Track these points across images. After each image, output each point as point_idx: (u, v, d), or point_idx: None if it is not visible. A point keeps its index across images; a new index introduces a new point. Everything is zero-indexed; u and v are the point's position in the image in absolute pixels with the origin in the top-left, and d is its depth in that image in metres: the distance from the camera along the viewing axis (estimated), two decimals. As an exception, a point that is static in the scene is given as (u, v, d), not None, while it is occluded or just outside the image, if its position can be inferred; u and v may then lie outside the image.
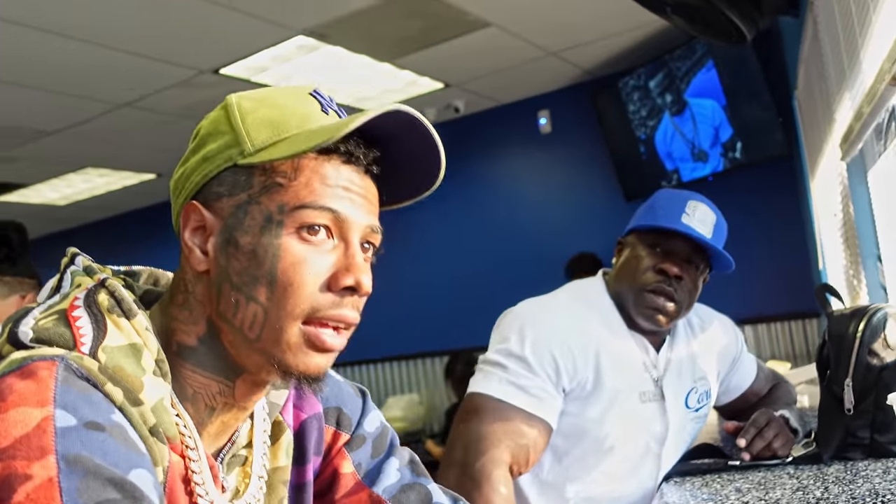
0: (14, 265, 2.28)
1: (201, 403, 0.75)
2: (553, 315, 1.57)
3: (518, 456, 1.45)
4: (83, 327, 0.69)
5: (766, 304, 4.22)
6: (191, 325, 0.75)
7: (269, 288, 0.71)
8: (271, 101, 0.76)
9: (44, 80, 3.84)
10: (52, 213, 6.59)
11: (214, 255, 0.74)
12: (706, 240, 1.52)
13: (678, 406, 1.62)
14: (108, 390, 0.65)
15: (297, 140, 0.72)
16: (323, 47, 3.78)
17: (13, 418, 0.59)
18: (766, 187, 4.22)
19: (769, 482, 1.34)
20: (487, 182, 5.26)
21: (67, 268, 0.78)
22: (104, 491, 0.58)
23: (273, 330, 0.72)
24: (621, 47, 4.32)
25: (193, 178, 0.76)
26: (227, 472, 0.79)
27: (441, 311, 5.17)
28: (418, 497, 0.93)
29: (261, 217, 0.72)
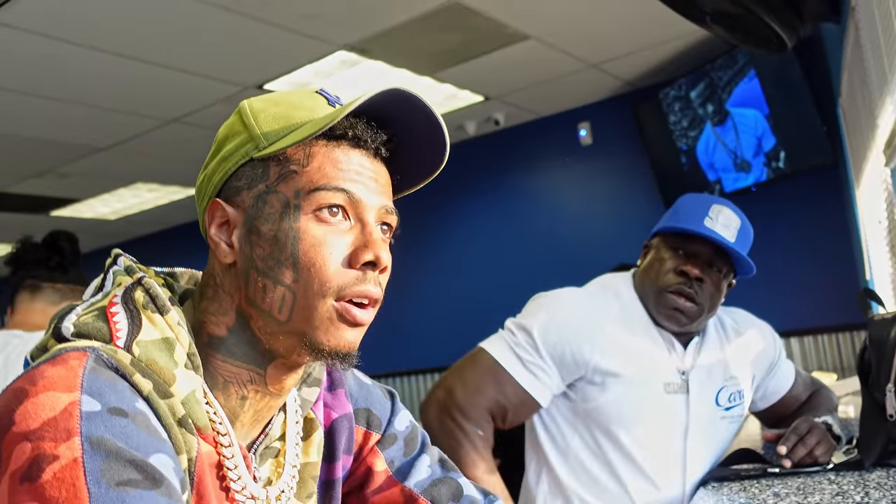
0: (66, 273, 2.36)
1: (233, 393, 0.78)
2: (574, 304, 1.63)
3: (497, 411, 1.56)
4: (119, 322, 0.73)
5: (812, 315, 4.15)
6: (220, 317, 0.79)
7: (293, 270, 0.74)
8: (280, 100, 0.81)
9: (96, 98, 3.97)
10: (102, 228, 6.77)
11: (239, 246, 0.77)
12: (727, 243, 1.53)
13: (704, 401, 1.63)
14: (136, 381, 0.68)
15: (304, 128, 0.77)
16: (364, 62, 3.85)
17: (42, 402, 0.63)
18: (811, 197, 4.16)
19: (808, 487, 1.33)
20: (528, 195, 5.27)
21: (110, 268, 0.82)
22: (125, 472, 0.61)
23: (303, 309, 0.75)
24: (661, 58, 4.31)
25: (214, 178, 0.80)
26: (259, 463, 0.82)
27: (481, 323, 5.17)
28: (449, 490, 0.95)
29: (279, 204, 0.76)
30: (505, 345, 1.58)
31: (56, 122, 4.24)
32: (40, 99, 3.90)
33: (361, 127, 0.78)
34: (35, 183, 5.35)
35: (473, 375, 1.56)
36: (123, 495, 0.60)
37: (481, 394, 1.54)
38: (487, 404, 1.54)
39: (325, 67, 3.86)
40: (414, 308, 5.51)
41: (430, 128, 0.81)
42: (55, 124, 4.28)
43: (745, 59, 3.98)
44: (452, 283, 5.50)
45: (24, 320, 2.31)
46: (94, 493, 0.59)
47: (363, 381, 0.98)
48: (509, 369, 1.55)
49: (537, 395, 1.56)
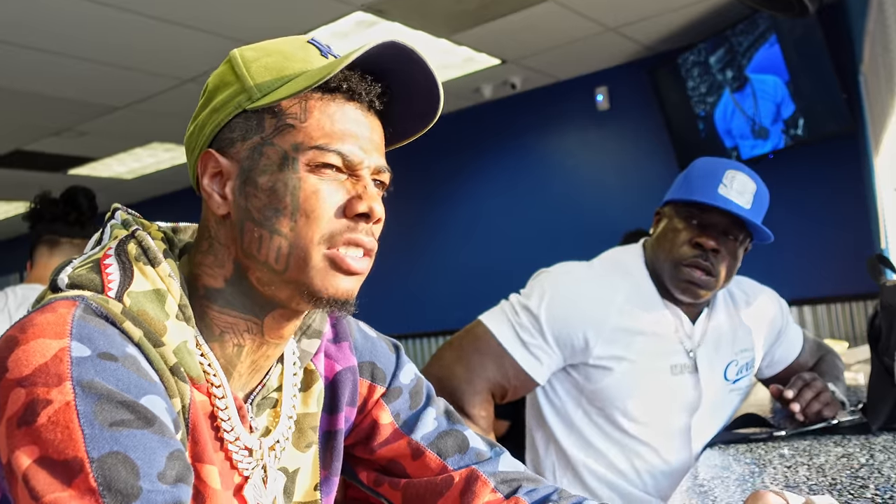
0: (83, 228, 2.39)
1: (229, 343, 0.79)
2: (579, 284, 1.59)
3: (497, 391, 1.54)
4: (112, 274, 0.74)
5: (825, 284, 4.14)
6: (217, 269, 0.79)
7: (290, 219, 0.75)
8: (272, 50, 0.80)
9: (113, 56, 3.97)
10: (119, 187, 6.81)
11: (233, 198, 0.78)
12: (743, 213, 1.49)
13: (714, 378, 1.62)
14: (127, 328, 0.70)
15: (299, 80, 0.76)
16: (381, 23, 3.82)
17: (33, 349, 0.65)
18: (829, 165, 4.13)
19: (814, 449, 1.35)
20: (543, 159, 5.25)
21: (108, 222, 0.83)
22: (117, 412, 0.63)
23: (298, 258, 0.75)
24: (681, 22, 4.26)
25: (206, 129, 0.80)
26: (256, 413, 0.83)
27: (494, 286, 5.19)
28: (455, 442, 0.96)
29: (276, 156, 0.76)
30: (508, 325, 1.54)
31: (74, 80, 4.25)
32: (59, 57, 3.91)
33: (356, 79, 0.78)
34: (53, 141, 5.38)
35: (474, 355, 1.53)
36: (117, 434, 0.62)
37: (482, 374, 1.51)
38: (488, 384, 1.52)
39: (341, 28, 3.84)
40: (427, 270, 5.54)
41: (425, 81, 0.81)
42: (74, 83, 4.29)
43: (767, 25, 3.93)
44: (465, 246, 5.52)
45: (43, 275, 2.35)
46: (87, 434, 0.62)
47: (368, 334, 0.99)
48: (512, 352, 1.52)
49: (538, 376, 1.54)
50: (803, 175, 4.15)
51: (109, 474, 0.61)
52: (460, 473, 0.94)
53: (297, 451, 0.87)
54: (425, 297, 5.54)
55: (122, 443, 0.62)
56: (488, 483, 0.94)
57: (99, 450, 0.61)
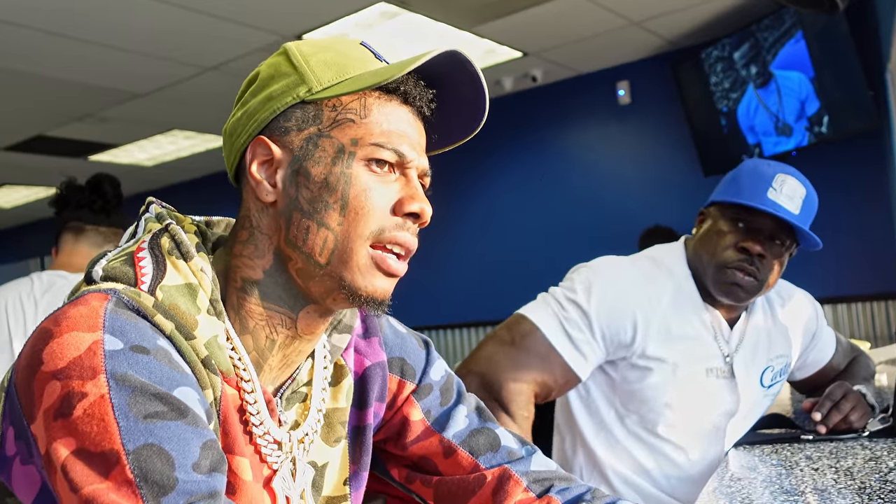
0: (108, 216, 2.40)
1: (262, 336, 0.79)
2: (626, 279, 1.55)
3: (541, 391, 1.48)
4: (145, 267, 0.75)
5: (848, 283, 4.11)
6: (256, 259, 0.79)
7: (340, 213, 0.76)
8: (328, 47, 0.81)
9: (137, 43, 3.99)
10: (139, 174, 6.85)
11: (283, 186, 0.78)
12: (792, 218, 1.45)
13: (751, 384, 1.60)
14: (158, 321, 0.71)
15: (362, 78, 0.77)
16: (404, 14, 3.82)
17: (67, 341, 0.66)
18: (853, 163, 4.09)
19: (841, 451, 1.34)
20: (563, 152, 5.24)
21: (143, 215, 0.83)
22: (151, 404, 0.64)
23: (343, 253, 0.76)
24: (705, 17, 4.22)
25: (258, 116, 0.79)
26: (286, 407, 0.84)
27: (511, 279, 5.20)
28: (487, 440, 0.96)
29: (332, 148, 0.77)
30: (556, 321, 1.48)
31: (99, 67, 4.28)
32: (84, 44, 3.93)
33: (412, 84, 0.79)
34: (76, 127, 5.42)
35: (521, 352, 1.46)
36: (151, 426, 0.63)
37: (528, 374, 1.45)
38: (533, 385, 1.46)
39: (364, 19, 3.84)
40: (444, 262, 5.54)
41: (474, 92, 0.82)
42: (98, 69, 4.32)
43: (793, 20, 3.89)
44: (483, 238, 5.51)
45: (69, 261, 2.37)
46: (122, 426, 0.63)
47: (398, 330, 0.98)
48: (561, 350, 1.46)
49: (581, 373, 1.49)
50: (826, 173, 4.10)
51: (146, 466, 0.62)
52: (493, 472, 0.94)
53: (327, 446, 0.88)
54: (442, 290, 5.54)
55: (156, 434, 0.63)
56: (521, 482, 0.93)
57: (134, 442, 0.62)
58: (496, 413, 1.41)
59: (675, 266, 1.59)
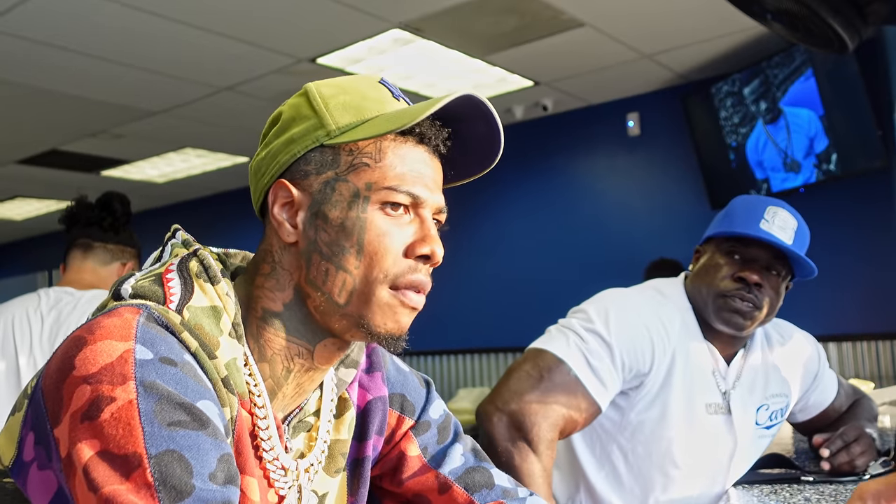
0: (117, 234, 2.42)
1: (279, 365, 0.82)
2: (640, 307, 1.55)
3: (566, 427, 1.45)
4: (173, 288, 0.78)
5: (852, 321, 4.10)
6: (277, 292, 0.82)
7: (357, 257, 0.78)
8: (348, 88, 0.83)
9: (152, 62, 4.04)
10: (150, 190, 6.90)
11: (303, 228, 0.81)
12: (786, 245, 1.47)
13: (747, 422, 1.60)
14: (185, 338, 0.73)
15: (378, 123, 0.79)
16: (417, 41, 3.86)
17: (100, 349, 0.68)
18: (861, 201, 4.09)
19: (840, 494, 1.33)
20: (572, 182, 5.26)
21: (169, 241, 0.87)
22: (175, 413, 0.67)
23: (361, 294, 0.79)
24: (716, 52, 4.25)
25: (280, 158, 0.82)
26: (292, 435, 0.86)
27: (517, 307, 5.20)
28: (483, 478, 0.97)
29: (348, 193, 0.79)
30: (579, 352, 1.46)
31: (114, 84, 4.33)
32: (100, 61, 3.98)
33: (427, 124, 0.82)
34: (89, 142, 5.47)
35: (548, 388, 1.43)
36: (174, 434, 0.66)
37: (557, 410, 1.42)
38: (561, 421, 1.43)
39: (378, 44, 3.88)
40: (454, 288, 5.54)
41: (489, 129, 0.84)
42: (113, 86, 4.37)
43: (803, 58, 3.92)
44: (492, 266, 5.52)
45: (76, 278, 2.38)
46: (147, 431, 0.65)
47: (401, 367, 1.01)
48: (586, 382, 1.44)
49: (603, 404, 1.47)
50: (834, 210, 4.12)
51: (166, 471, 0.64)
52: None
53: (328, 476, 0.89)
54: (450, 316, 5.54)
55: (178, 442, 0.65)
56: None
57: (157, 447, 0.64)
58: (524, 452, 1.39)
59: (678, 299, 1.60)
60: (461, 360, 5.67)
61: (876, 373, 4.07)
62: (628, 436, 1.55)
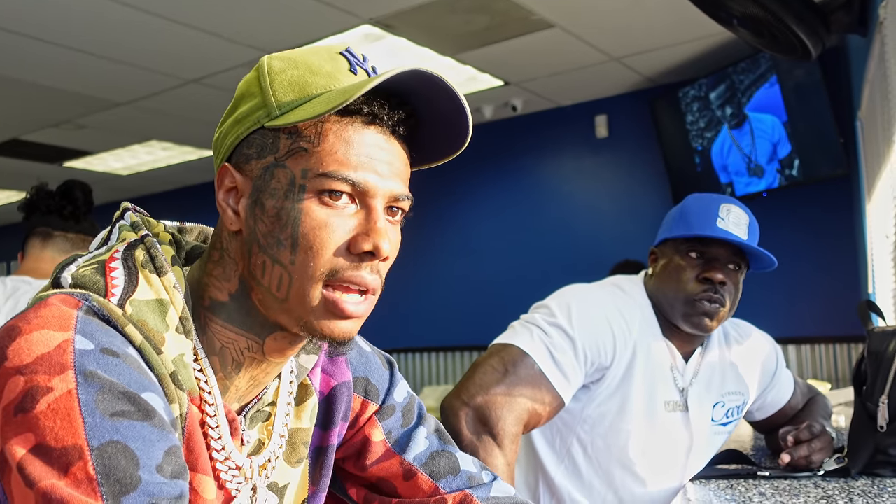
0: (78, 222, 2.38)
1: (229, 358, 0.78)
2: (602, 302, 1.57)
3: (531, 421, 1.45)
4: (116, 279, 0.72)
5: (811, 324, 4.17)
6: (223, 282, 0.77)
7: (291, 251, 0.72)
8: (300, 61, 0.76)
9: (118, 52, 3.98)
10: (114, 182, 6.79)
11: (244, 216, 0.75)
12: (746, 242, 1.51)
13: (703, 419, 1.62)
14: (129, 332, 0.69)
15: (317, 103, 0.72)
16: (387, 37, 3.85)
17: (36, 339, 0.64)
18: (822, 207, 4.17)
19: (794, 489, 1.35)
20: (539, 182, 5.28)
21: (117, 221, 0.82)
22: (118, 403, 0.63)
23: (298, 292, 0.73)
24: (684, 56, 4.30)
25: (227, 140, 0.77)
26: (249, 426, 0.82)
27: (484, 306, 5.21)
28: (447, 464, 0.96)
29: (285, 181, 0.73)
30: (543, 347, 1.47)
31: (78, 73, 4.25)
32: (65, 50, 3.91)
33: (377, 104, 0.74)
34: (51, 132, 5.38)
35: (514, 382, 1.43)
36: (117, 424, 0.62)
37: (522, 404, 1.43)
38: (526, 415, 1.43)
39: (348, 40, 3.87)
40: (419, 287, 5.54)
41: (454, 107, 0.77)
42: (77, 76, 4.30)
43: (768, 65, 3.98)
44: (459, 265, 5.52)
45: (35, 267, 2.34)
46: (88, 422, 0.61)
47: (363, 349, 0.97)
48: (550, 375, 1.45)
49: (567, 398, 1.48)
50: (795, 215, 4.19)
51: (109, 463, 0.60)
52: (453, 497, 0.93)
53: (289, 467, 0.86)
54: (415, 314, 5.54)
55: (122, 433, 0.62)
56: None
57: (99, 438, 0.61)
58: (489, 446, 1.39)
59: (638, 295, 1.63)
60: (427, 357, 5.67)
61: (833, 375, 4.15)
62: (588, 428, 1.57)
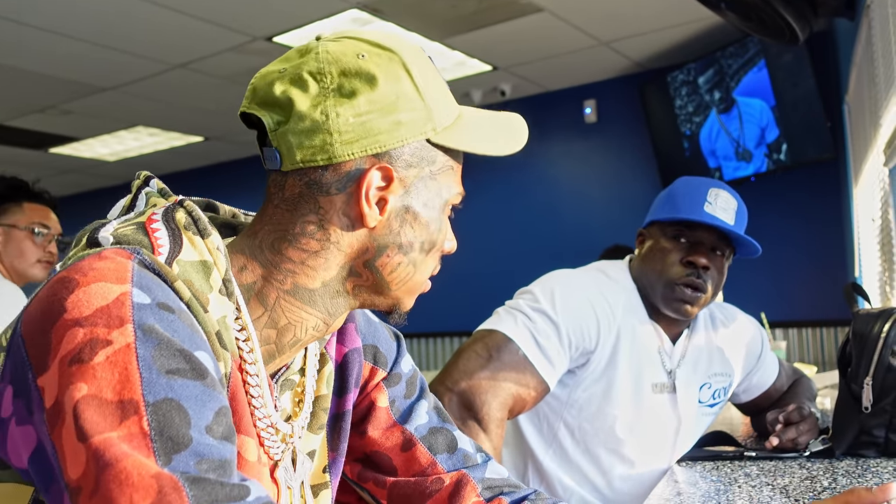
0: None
1: (290, 333, 0.79)
2: (585, 287, 1.57)
3: (515, 406, 1.46)
4: (161, 238, 0.72)
5: (798, 308, 4.20)
6: (321, 271, 0.78)
7: (428, 255, 0.83)
8: (431, 72, 0.81)
9: (104, 37, 3.95)
10: (100, 169, 6.75)
11: (388, 217, 0.79)
12: (731, 228, 1.51)
13: (691, 400, 1.63)
14: (178, 287, 0.69)
15: (471, 134, 0.83)
16: (376, 22, 3.83)
17: (94, 291, 0.64)
18: (809, 191, 4.19)
19: (779, 470, 1.37)
20: (528, 167, 5.28)
21: (141, 189, 0.81)
22: (174, 361, 0.63)
23: (416, 284, 0.84)
24: (673, 41, 4.30)
25: (382, 138, 0.76)
26: (280, 393, 0.84)
27: (471, 291, 5.21)
28: (446, 441, 0.96)
29: (437, 195, 0.82)
30: (527, 333, 1.47)
31: (63, 58, 4.22)
32: (47, 33, 3.87)
33: None
34: (36, 118, 5.33)
35: (498, 367, 1.44)
36: (172, 382, 0.62)
37: (506, 390, 1.44)
38: (511, 400, 1.44)
39: (336, 24, 3.84)
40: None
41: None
42: (62, 61, 4.26)
43: (756, 49, 3.98)
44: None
45: None
46: (145, 377, 0.61)
47: (371, 318, 0.99)
48: (534, 360, 1.46)
49: (551, 383, 1.49)
50: (783, 199, 4.21)
51: (164, 420, 0.60)
52: (451, 476, 0.94)
53: (312, 434, 0.87)
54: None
55: (176, 391, 0.62)
56: (476, 488, 0.94)
57: (155, 395, 0.60)
58: (474, 431, 1.40)
59: (623, 280, 1.63)
60: (413, 343, 5.68)
61: (820, 358, 4.18)
62: (575, 413, 1.57)
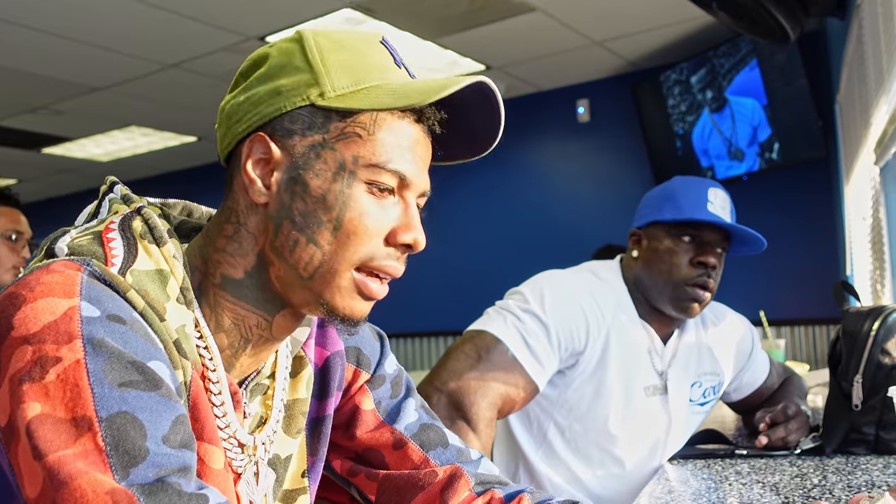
0: None
1: (237, 334, 0.78)
2: (575, 287, 1.57)
3: (505, 406, 1.46)
4: (115, 248, 0.72)
5: (790, 306, 4.21)
6: (239, 258, 0.77)
7: (332, 233, 0.74)
8: (347, 44, 0.76)
9: (97, 37, 3.93)
10: (93, 169, 6.73)
11: (277, 190, 0.75)
12: (742, 227, 1.53)
13: (682, 400, 1.64)
14: (131, 297, 0.68)
15: (380, 94, 0.74)
16: (368, 21, 3.83)
17: (42, 307, 0.63)
18: (801, 189, 4.20)
19: (770, 468, 1.37)
20: (521, 167, 5.28)
21: (105, 195, 0.81)
22: (127, 373, 0.63)
23: (327, 273, 0.75)
24: (665, 40, 4.31)
25: (262, 108, 0.75)
26: (249, 398, 0.83)
27: (464, 291, 5.22)
28: (437, 436, 0.96)
29: (334, 164, 0.74)
30: (516, 332, 1.47)
31: (55, 57, 4.20)
32: (38, 33, 3.86)
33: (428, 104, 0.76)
34: (28, 118, 5.31)
35: (487, 368, 1.44)
36: (125, 395, 0.61)
37: (495, 390, 1.43)
38: (500, 400, 1.44)
39: (329, 24, 3.84)
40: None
41: (488, 119, 0.81)
42: (54, 60, 4.24)
43: (748, 49, 4.00)
44: (437, 250, 5.49)
45: None
46: (97, 392, 0.60)
47: None
48: (523, 361, 1.46)
49: (541, 384, 1.49)
50: (775, 198, 4.22)
51: (118, 434, 0.60)
52: (445, 469, 0.93)
53: (289, 437, 0.87)
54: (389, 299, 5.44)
55: (130, 403, 0.61)
56: (469, 482, 0.93)
57: (108, 409, 0.60)
58: (463, 431, 1.40)
59: (613, 281, 1.63)
60: (403, 343, 5.68)
61: (812, 356, 4.20)
62: (565, 413, 1.58)
